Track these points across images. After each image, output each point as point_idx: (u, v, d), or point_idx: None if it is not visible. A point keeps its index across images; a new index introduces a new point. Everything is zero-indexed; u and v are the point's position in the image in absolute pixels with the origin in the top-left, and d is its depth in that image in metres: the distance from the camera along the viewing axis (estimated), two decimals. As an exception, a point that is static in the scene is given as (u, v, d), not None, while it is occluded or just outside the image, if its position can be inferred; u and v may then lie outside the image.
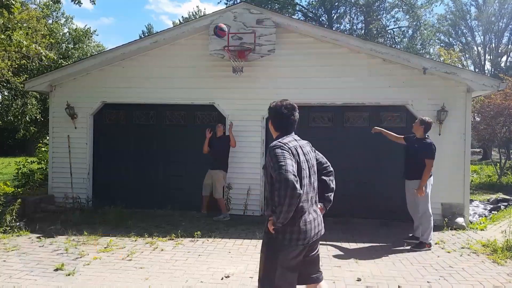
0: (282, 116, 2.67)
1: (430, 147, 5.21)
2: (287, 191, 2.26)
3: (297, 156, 2.49)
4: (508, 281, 4.11)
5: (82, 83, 7.72)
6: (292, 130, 2.70)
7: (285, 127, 2.68)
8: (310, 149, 2.74)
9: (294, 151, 2.49)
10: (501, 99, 10.97)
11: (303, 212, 2.50)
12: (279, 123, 2.70)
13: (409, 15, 26.20)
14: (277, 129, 2.71)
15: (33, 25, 16.37)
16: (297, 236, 2.47)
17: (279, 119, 2.69)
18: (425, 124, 5.32)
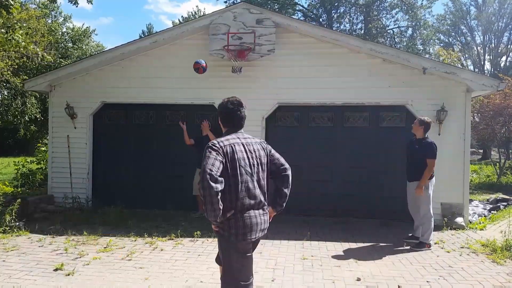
0: (228, 112, 2.72)
1: (431, 147, 5.18)
2: (205, 190, 2.33)
3: (231, 154, 2.53)
4: (508, 281, 4.11)
5: (82, 83, 7.72)
6: (238, 126, 2.74)
7: (231, 123, 2.73)
8: (260, 148, 2.72)
9: (226, 149, 2.53)
10: (501, 99, 10.98)
11: (244, 207, 2.55)
12: (225, 119, 2.75)
13: (408, 15, 26.21)
14: (224, 125, 2.77)
15: (33, 25, 16.35)
16: (242, 231, 2.54)
17: (225, 115, 2.74)
18: (424, 124, 5.30)
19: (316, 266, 4.54)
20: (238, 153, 2.56)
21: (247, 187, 2.56)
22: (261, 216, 2.64)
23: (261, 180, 2.68)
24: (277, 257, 4.83)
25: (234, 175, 2.52)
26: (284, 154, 8.05)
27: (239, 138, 2.66)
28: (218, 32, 6.93)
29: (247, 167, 2.58)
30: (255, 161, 2.64)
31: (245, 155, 2.60)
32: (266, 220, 2.70)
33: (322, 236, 5.86)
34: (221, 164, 2.46)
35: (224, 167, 2.48)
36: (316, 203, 7.12)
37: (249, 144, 2.67)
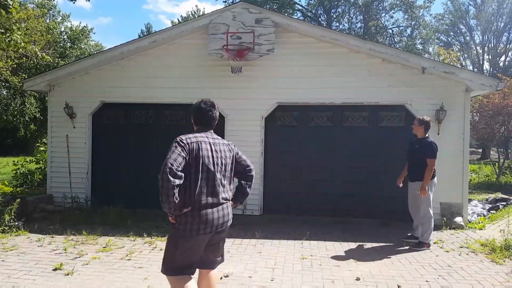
0: (200, 112, 2.85)
1: (431, 147, 5.16)
2: (163, 182, 2.49)
3: (196, 151, 2.63)
4: (507, 280, 4.12)
5: (81, 82, 7.71)
6: (209, 126, 2.86)
7: (202, 123, 2.85)
8: (226, 149, 2.83)
9: (192, 146, 2.63)
10: (500, 98, 11.00)
11: (202, 204, 2.64)
12: (197, 118, 2.87)
13: (407, 14, 26.23)
14: (196, 124, 2.89)
15: (32, 24, 16.33)
16: (197, 227, 2.63)
17: (197, 114, 2.86)
18: (424, 123, 5.27)
19: (315, 265, 4.54)
20: (203, 151, 2.67)
21: (207, 184, 2.66)
22: (219, 211, 2.73)
23: (224, 179, 2.78)
24: (276, 257, 4.83)
25: (196, 172, 2.62)
26: (283, 154, 8.07)
27: (207, 137, 2.77)
28: (217, 31, 6.93)
29: (211, 165, 2.68)
30: (219, 161, 2.74)
31: (210, 153, 2.71)
32: (226, 214, 2.79)
33: (322, 235, 5.87)
34: (184, 160, 2.56)
35: (187, 163, 2.59)
36: (315, 202, 7.12)
37: (216, 144, 2.78)
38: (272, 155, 7.27)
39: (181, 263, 2.69)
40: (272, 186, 7.24)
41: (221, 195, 2.74)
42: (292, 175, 7.24)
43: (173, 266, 2.71)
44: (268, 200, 7.25)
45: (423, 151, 5.17)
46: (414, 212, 5.46)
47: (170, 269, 2.72)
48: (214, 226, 2.69)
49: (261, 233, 5.84)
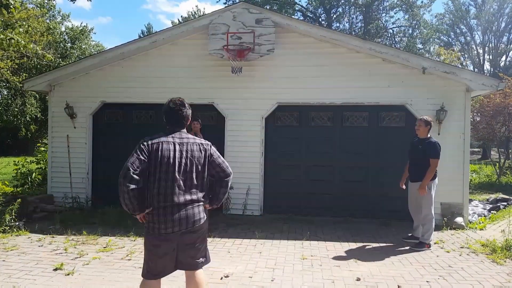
0: (169, 111, 2.85)
1: (435, 147, 5.16)
2: (120, 186, 2.56)
3: (155, 153, 2.67)
4: (508, 281, 4.12)
5: (82, 82, 7.72)
6: (179, 125, 2.85)
7: (171, 122, 2.86)
8: (196, 149, 2.80)
9: (152, 147, 2.69)
10: (501, 98, 10.99)
11: (161, 205, 2.66)
12: (166, 118, 2.88)
13: (408, 14, 26.22)
14: (166, 123, 2.89)
15: (33, 24, 16.35)
16: (155, 225, 2.67)
17: (166, 114, 2.87)
18: (430, 124, 5.29)
19: (315, 266, 4.54)
20: (163, 151, 2.69)
21: (167, 185, 2.66)
22: (181, 212, 2.69)
23: (189, 180, 2.74)
24: (276, 257, 4.83)
25: (155, 173, 2.66)
26: (283, 154, 8.06)
27: (173, 138, 2.78)
28: (217, 32, 6.93)
29: (170, 166, 2.67)
30: (184, 161, 2.73)
31: (172, 154, 2.70)
32: (190, 215, 2.73)
33: (322, 236, 5.86)
34: (143, 163, 2.62)
35: (147, 165, 2.64)
36: (315, 202, 7.12)
37: (183, 144, 2.77)
38: (272, 155, 7.27)
39: (153, 265, 2.72)
40: (272, 186, 7.24)
41: (184, 196, 2.71)
42: (292, 175, 7.24)
43: (147, 269, 2.75)
44: (268, 200, 7.25)
45: (427, 151, 5.15)
46: (415, 213, 5.46)
47: (145, 272, 2.77)
48: (175, 227, 2.67)
49: (261, 233, 5.84)
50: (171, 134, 2.81)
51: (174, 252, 2.75)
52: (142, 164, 2.61)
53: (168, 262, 2.76)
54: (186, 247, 2.78)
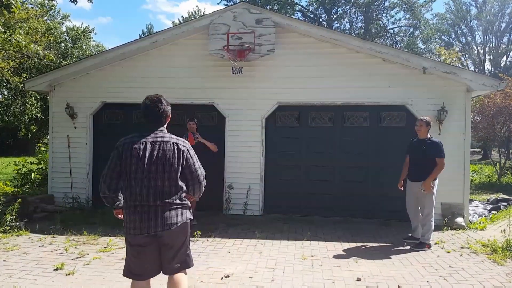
0: (145, 108, 2.80)
1: (439, 146, 5.16)
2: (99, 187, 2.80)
3: (125, 152, 2.70)
4: (508, 281, 4.11)
5: (82, 83, 7.72)
6: (157, 122, 2.79)
7: (148, 119, 2.80)
8: (170, 148, 2.71)
9: (123, 148, 2.74)
10: (501, 98, 10.98)
11: (131, 204, 2.67)
12: (144, 115, 2.82)
13: (409, 14, 26.22)
14: (145, 121, 2.84)
15: (33, 24, 16.35)
16: (128, 225, 2.69)
17: (142, 111, 2.82)
18: (430, 124, 5.30)
19: (316, 266, 4.54)
20: (133, 150, 2.68)
21: (136, 185, 2.65)
22: (150, 214, 2.65)
23: (161, 181, 2.67)
24: (277, 257, 4.83)
25: (126, 173, 2.68)
26: (284, 154, 8.07)
27: (146, 136, 2.74)
28: (218, 32, 6.93)
29: (140, 166, 2.65)
30: (157, 161, 2.67)
31: (142, 153, 2.67)
32: (161, 218, 2.66)
33: (322, 236, 5.86)
34: (118, 165, 2.71)
35: (120, 164, 2.70)
36: (316, 202, 7.12)
37: (156, 143, 2.71)
38: (272, 155, 7.27)
39: (132, 264, 2.75)
40: (272, 186, 7.24)
41: (154, 197, 2.65)
42: (292, 175, 7.24)
43: (127, 268, 2.78)
44: (268, 200, 7.26)
45: (431, 151, 5.13)
46: (414, 213, 5.46)
47: (125, 271, 2.80)
48: (144, 228, 2.64)
49: (262, 233, 5.84)
50: (147, 133, 2.77)
51: (154, 253, 2.73)
52: (116, 167, 2.72)
53: (149, 263, 2.73)
54: (164, 249, 2.75)
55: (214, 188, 7.16)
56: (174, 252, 2.76)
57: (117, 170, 2.71)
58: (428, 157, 5.14)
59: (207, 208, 7.06)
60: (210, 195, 7.19)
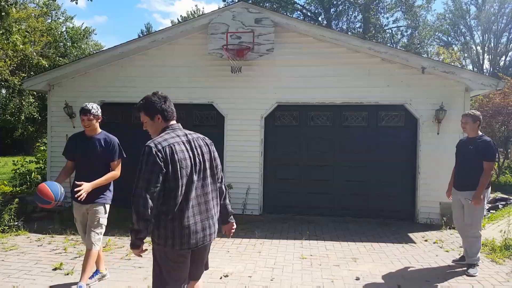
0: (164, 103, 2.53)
1: (490, 147, 4.23)
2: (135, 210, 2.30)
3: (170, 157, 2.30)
4: (507, 280, 4.12)
5: (81, 82, 7.70)
6: (175, 118, 2.56)
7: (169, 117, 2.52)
8: (203, 143, 2.52)
9: (165, 151, 2.30)
10: (500, 98, 11.00)
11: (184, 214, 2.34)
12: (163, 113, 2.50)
13: (407, 14, 26.23)
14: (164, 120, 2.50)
15: (32, 23, 16.31)
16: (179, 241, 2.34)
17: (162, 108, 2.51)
18: (479, 119, 4.36)
19: (315, 265, 4.54)
20: (178, 154, 2.33)
21: (188, 190, 2.35)
22: (204, 221, 2.43)
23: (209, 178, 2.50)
24: (276, 256, 4.83)
25: (174, 179, 2.30)
26: (283, 154, 8.06)
27: (179, 135, 2.43)
28: (217, 31, 6.93)
29: (188, 168, 2.35)
30: (201, 158, 2.44)
31: (187, 154, 2.38)
32: (212, 224, 2.50)
33: (321, 235, 5.87)
34: (160, 175, 2.27)
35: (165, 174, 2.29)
36: (315, 202, 7.13)
37: (194, 140, 2.48)
38: (272, 154, 7.27)
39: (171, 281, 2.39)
40: (271, 186, 7.24)
41: (208, 204, 2.47)
42: (291, 175, 7.24)
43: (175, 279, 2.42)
44: (267, 200, 7.26)
45: (480, 153, 4.25)
46: (463, 230, 4.49)
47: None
48: (206, 237, 2.42)
49: (261, 233, 5.84)
50: (172, 133, 2.44)
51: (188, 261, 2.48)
52: (159, 177, 2.27)
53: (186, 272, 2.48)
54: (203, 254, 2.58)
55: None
56: (207, 256, 2.67)
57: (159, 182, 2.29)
58: (475, 159, 4.26)
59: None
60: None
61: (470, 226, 4.32)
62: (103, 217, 3.84)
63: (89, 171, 3.70)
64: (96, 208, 3.74)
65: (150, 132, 2.56)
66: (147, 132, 2.61)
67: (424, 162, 6.73)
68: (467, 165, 4.39)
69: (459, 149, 4.64)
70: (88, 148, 3.80)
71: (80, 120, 3.90)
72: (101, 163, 3.77)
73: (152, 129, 2.53)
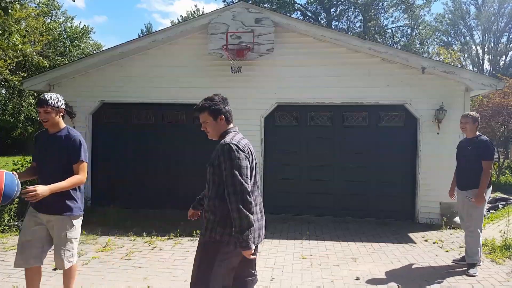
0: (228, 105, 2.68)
1: (488, 147, 4.34)
2: (243, 212, 2.20)
3: (251, 157, 2.41)
4: (507, 280, 4.12)
5: (81, 82, 7.70)
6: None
7: (231, 119, 2.64)
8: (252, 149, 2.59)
9: (247, 150, 2.41)
10: (500, 98, 11.01)
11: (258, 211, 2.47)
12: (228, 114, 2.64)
13: (407, 14, 26.24)
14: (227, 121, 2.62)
15: (31, 23, 16.31)
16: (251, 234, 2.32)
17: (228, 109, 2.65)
18: (478, 120, 4.49)
19: (315, 265, 4.54)
20: (253, 153, 2.46)
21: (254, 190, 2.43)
22: (260, 221, 2.50)
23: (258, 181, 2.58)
24: (276, 256, 4.83)
25: (254, 177, 2.42)
26: (283, 154, 8.05)
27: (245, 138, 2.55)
28: (217, 31, 6.93)
29: (255, 168, 2.47)
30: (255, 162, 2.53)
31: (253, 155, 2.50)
32: (264, 225, 2.58)
33: (321, 235, 5.87)
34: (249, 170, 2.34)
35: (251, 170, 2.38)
36: (315, 202, 7.13)
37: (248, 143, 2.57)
38: (271, 154, 7.27)
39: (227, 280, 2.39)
40: (271, 186, 7.24)
41: (261, 205, 2.55)
42: (291, 175, 7.24)
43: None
44: (267, 200, 7.23)
45: (479, 152, 4.34)
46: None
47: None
48: (256, 238, 2.40)
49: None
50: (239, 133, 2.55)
51: None
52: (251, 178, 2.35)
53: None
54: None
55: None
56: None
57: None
58: (475, 159, 4.34)
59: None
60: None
61: (469, 225, 4.37)
62: (71, 230, 3.10)
63: (47, 175, 3.05)
64: (60, 221, 3.03)
65: (210, 133, 2.56)
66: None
67: (424, 162, 6.73)
68: (467, 166, 4.46)
69: (460, 150, 4.72)
70: (47, 148, 3.10)
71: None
72: (60, 165, 3.03)
73: (214, 130, 2.54)
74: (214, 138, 2.57)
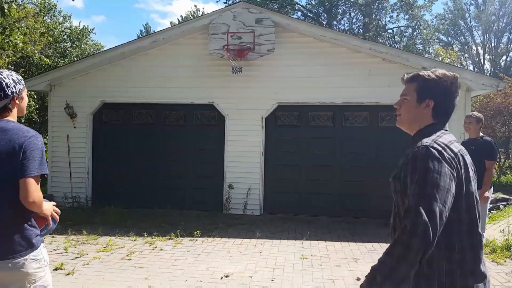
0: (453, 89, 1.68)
1: (491, 147, 4.37)
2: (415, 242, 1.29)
3: (462, 171, 1.49)
4: (507, 281, 4.12)
5: (82, 82, 7.71)
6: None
7: (448, 113, 1.76)
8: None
9: (457, 160, 1.51)
10: (501, 98, 11.00)
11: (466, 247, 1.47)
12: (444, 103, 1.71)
13: (408, 15, 26.23)
14: (437, 115, 1.73)
15: (31, 23, 16.31)
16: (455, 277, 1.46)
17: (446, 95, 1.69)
18: (482, 121, 4.53)
19: (315, 265, 4.54)
20: (468, 166, 1.54)
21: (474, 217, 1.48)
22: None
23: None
24: (276, 257, 4.83)
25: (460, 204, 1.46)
26: (284, 154, 8.05)
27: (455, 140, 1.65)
28: (217, 31, 6.93)
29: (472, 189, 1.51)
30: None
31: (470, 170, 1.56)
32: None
33: (322, 235, 5.86)
34: (452, 196, 1.40)
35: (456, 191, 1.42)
36: (315, 202, 7.13)
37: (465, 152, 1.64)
38: (272, 155, 7.27)
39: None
40: (272, 186, 7.24)
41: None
42: (292, 175, 7.24)
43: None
44: (268, 200, 7.26)
45: (482, 152, 4.32)
46: None
47: None
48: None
49: (262, 233, 5.83)
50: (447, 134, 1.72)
51: None
52: (452, 198, 1.39)
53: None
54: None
55: (214, 187, 7.17)
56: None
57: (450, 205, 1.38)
58: (478, 159, 4.08)
59: (207, 207, 7.07)
60: (210, 195, 7.22)
61: None
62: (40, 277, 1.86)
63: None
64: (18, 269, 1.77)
65: (401, 117, 1.82)
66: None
67: (425, 162, 6.72)
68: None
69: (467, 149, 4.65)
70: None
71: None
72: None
73: (408, 115, 1.76)
74: (405, 128, 1.81)
